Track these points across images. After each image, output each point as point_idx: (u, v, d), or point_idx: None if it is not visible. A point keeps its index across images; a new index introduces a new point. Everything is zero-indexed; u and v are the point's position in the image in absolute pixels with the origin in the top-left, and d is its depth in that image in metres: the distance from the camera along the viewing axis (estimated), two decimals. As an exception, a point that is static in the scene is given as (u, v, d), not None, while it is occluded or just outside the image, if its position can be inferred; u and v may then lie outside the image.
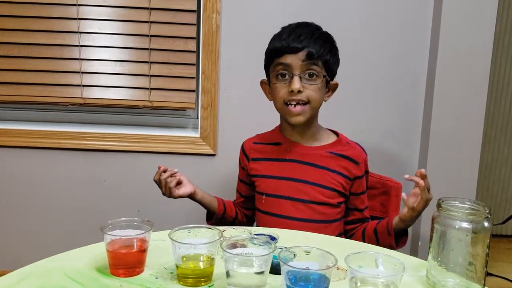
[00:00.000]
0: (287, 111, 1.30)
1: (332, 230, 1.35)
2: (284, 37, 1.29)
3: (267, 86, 1.38)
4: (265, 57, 1.36)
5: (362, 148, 1.41)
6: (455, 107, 1.94)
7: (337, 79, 1.37)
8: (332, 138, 1.40)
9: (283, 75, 1.29)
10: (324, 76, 1.30)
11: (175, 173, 1.38)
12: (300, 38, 1.27)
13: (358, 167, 1.36)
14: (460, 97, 1.94)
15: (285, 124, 1.38)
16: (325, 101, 1.35)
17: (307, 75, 1.28)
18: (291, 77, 1.27)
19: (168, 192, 1.38)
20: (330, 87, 1.35)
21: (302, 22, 1.35)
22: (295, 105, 1.28)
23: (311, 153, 1.36)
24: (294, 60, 1.27)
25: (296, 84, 1.26)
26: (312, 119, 1.35)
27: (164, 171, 1.37)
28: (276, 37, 1.33)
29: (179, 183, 1.39)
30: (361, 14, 1.98)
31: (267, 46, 1.36)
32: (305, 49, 1.27)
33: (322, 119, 1.41)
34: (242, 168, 1.47)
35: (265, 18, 1.96)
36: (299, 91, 1.26)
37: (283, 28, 1.34)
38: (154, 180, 1.39)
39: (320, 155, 1.35)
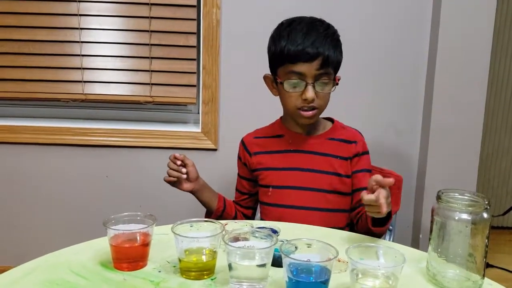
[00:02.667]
0: (299, 115, 1.31)
1: (338, 220, 1.35)
2: (298, 42, 1.25)
3: (271, 81, 1.37)
4: (274, 56, 1.31)
5: (358, 131, 1.42)
6: (455, 99, 1.94)
7: (339, 72, 1.37)
8: (329, 125, 1.42)
9: (296, 84, 1.28)
10: (335, 82, 1.30)
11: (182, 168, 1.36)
12: (315, 44, 1.25)
13: (355, 146, 1.38)
14: (460, 90, 1.94)
15: (289, 118, 1.39)
16: None
17: (320, 83, 1.27)
18: (305, 85, 1.26)
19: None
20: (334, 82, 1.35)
21: (309, 20, 1.31)
22: (306, 110, 1.29)
23: (312, 142, 1.38)
24: (308, 69, 1.25)
25: (310, 93, 1.25)
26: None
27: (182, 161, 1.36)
28: (287, 37, 1.27)
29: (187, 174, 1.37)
30: (362, 8, 1.98)
31: (268, 40, 1.34)
32: (320, 56, 1.25)
33: (324, 113, 1.41)
34: (243, 164, 1.46)
35: (265, 12, 1.96)
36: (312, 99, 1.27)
37: (293, 26, 1.29)
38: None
39: (321, 143, 1.37)
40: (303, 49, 1.25)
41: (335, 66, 1.30)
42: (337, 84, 1.36)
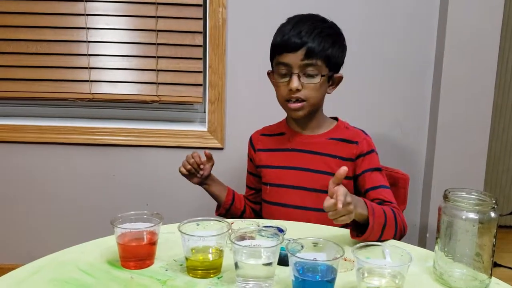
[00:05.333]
0: (287, 107, 1.33)
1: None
2: (285, 32, 1.28)
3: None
4: (270, 50, 1.36)
5: (363, 131, 1.40)
6: (462, 97, 1.93)
7: (344, 70, 1.36)
8: (332, 125, 1.40)
9: (283, 74, 1.30)
10: (324, 74, 1.29)
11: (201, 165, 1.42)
12: (301, 34, 1.26)
13: (358, 146, 1.34)
14: (467, 88, 1.93)
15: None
16: (329, 93, 1.35)
17: (306, 74, 1.27)
18: (290, 75, 1.27)
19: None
20: (334, 80, 1.34)
21: (307, 15, 1.33)
22: (294, 102, 1.30)
23: (312, 141, 1.37)
24: (293, 59, 1.26)
25: (294, 83, 1.26)
26: (314, 113, 1.35)
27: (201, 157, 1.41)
28: (279, 30, 1.32)
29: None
30: (368, 5, 1.97)
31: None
32: (304, 46, 1.25)
33: (329, 111, 1.41)
34: (250, 159, 1.50)
35: (271, 11, 1.95)
36: (298, 89, 1.27)
37: (289, 20, 1.33)
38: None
39: (320, 142, 1.36)
40: (288, 38, 1.27)
41: (325, 58, 1.28)
42: (338, 82, 1.36)
